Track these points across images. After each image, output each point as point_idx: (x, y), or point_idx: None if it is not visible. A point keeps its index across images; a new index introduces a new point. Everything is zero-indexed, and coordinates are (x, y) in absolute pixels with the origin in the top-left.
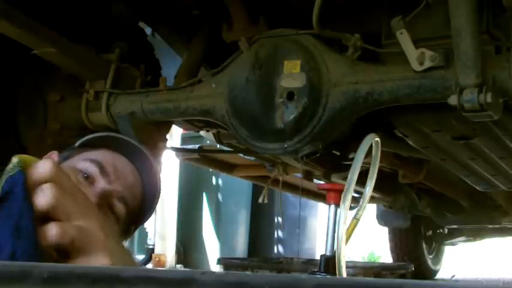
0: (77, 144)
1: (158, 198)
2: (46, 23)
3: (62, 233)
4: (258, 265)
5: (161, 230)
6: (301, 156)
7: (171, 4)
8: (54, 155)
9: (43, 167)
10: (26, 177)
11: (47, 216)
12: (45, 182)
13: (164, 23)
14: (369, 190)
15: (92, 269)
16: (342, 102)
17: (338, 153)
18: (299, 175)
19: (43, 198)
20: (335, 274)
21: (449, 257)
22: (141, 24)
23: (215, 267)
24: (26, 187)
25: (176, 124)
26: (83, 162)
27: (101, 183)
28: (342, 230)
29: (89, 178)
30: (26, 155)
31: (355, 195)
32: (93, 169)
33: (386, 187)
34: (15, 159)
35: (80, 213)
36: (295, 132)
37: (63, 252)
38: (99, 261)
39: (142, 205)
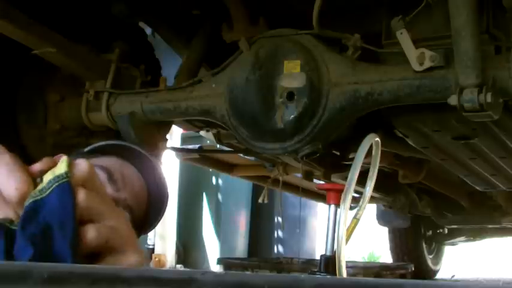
0: (86, 149)
1: (165, 208)
2: (46, 23)
3: (98, 234)
4: (258, 265)
5: (161, 230)
6: (301, 156)
7: (171, 4)
8: (59, 156)
9: (79, 169)
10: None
11: (81, 218)
12: (81, 183)
13: (164, 23)
14: (368, 190)
15: (92, 269)
16: (342, 102)
17: (338, 153)
18: (299, 175)
19: (79, 200)
20: (335, 274)
21: (449, 257)
22: (141, 24)
23: (215, 267)
24: (74, 201)
25: (176, 124)
26: None
27: (109, 191)
28: (342, 230)
29: None
30: (65, 160)
31: (355, 195)
32: (101, 176)
33: (386, 187)
34: (64, 167)
35: (111, 213)
36: (295, 132)
37: (92, 253)
38: (131, 259)
39: (147, 213)
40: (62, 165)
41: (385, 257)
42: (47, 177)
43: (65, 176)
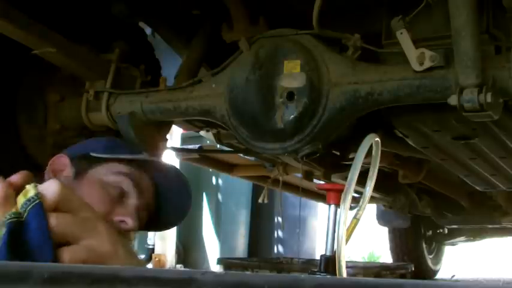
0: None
1: (186, 207)
2: (46, 23)
3: (73, 257)
4: (258, 265)
5: None
6: (301, 156)
7: (171, 4)
8: (64, 158)
9: (49, 192)
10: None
11: (57, 241)
12: (53, 206)
13: (164, 23)
14: (368, 190)
15: (92, 269)
16: (342, 102)
17: (338, 153)
18: (299, 175)
19: (51, 225)
20: (335, 274)
21: (449, 257)
22: (141, 24)
23: (215, 267)
24: (47, 224)
25: (176, 124)
26: (115, 176)
27: (134, 199)
28: (342, 230)
29: (123, 192)
30: (32, 183)
31: (355, 195)
32: (126, 184)
33: (386, 187)
34: (32, 191)
35: (89, 232)
36: (295, 132)
37: None
38: (92, 243)
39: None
40: (30, 188)
41: (385, 257)
42: (20, 200)
43: (35, 198)
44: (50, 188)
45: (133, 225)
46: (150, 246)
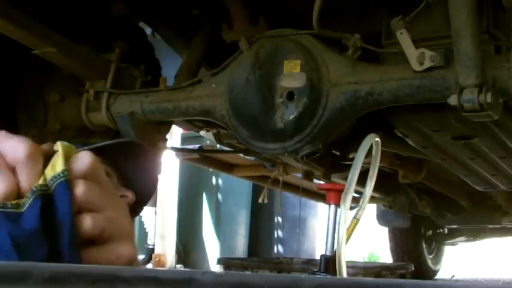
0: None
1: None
2: (46, 23)
3: (94, 224)
4: (258, 265)
5: (161, 230)
6: (301, 156)
7: (171, 4)
8: (59, 152)
9: (81, 162)
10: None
11: (80, 209)
12: (82, 175)
13: (164, 23)
14: (368, 190)
15: (92, 269)
16: (342, 102)
17: (338, 153)
18: (299, 175)
19: (77, 192)
20: (335, 274)
21: (449, 257)
22: (141, 24)
23: (215, 267)
24: (71, 200)
25: (176, 124)
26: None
27: (116, 178)
28: (342, 230)
29: (109, 173)
30: (65, 147)
31: (355, 195)
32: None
33: (386, 187)
34: (61, 166)
35: (110, 204)
36: (295, 132)
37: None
38: (124, 249)
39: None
40: (59, 161)
41: (385, 257)
42: (48, 172)
43: (62, 175)
44: (82, 160)
45: (133, 198)
46: (150, 246)
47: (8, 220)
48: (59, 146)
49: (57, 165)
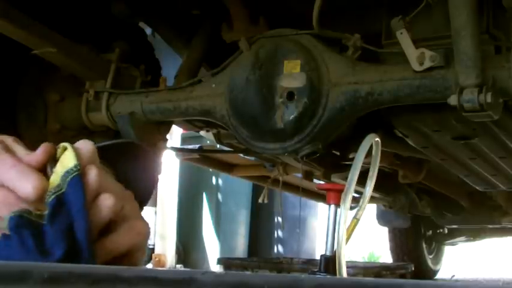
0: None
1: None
2: (46, 23)
3: (115, 200)
4: (258, 265)
5: (161, 230)
6: (301, 156)
7: (171, 4)
8: (69, 148)
9: (86, 150)
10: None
11: (96, 193)
12: (91, 162)
13: (164, 23)
14: (368, 190)
15: (92, 269)
16: (342, 102)
17: (338, 153)
18: (299, 175)
19: (92, 177)
20: (335, 274)
21: (449, 257)
22: (141, 24)
23: (215, 267)
24: (84, 194)
25: (176, 124)
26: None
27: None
28: (342, 230)
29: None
30: (69, 148)
31: (355, 195)
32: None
33: (387, 187)
34: (73, 159)
35: (117, 184)
36: (295, 132)
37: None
38: (142, 225)
39: None
40: (69, 156)
41: (385, 257)
42: (58, 170)
43: (75, 169)
44: (86, 147)
45: None
46: (150, 246)
47: (31, 228)
48: (66, 144)
49: (67, 160)
